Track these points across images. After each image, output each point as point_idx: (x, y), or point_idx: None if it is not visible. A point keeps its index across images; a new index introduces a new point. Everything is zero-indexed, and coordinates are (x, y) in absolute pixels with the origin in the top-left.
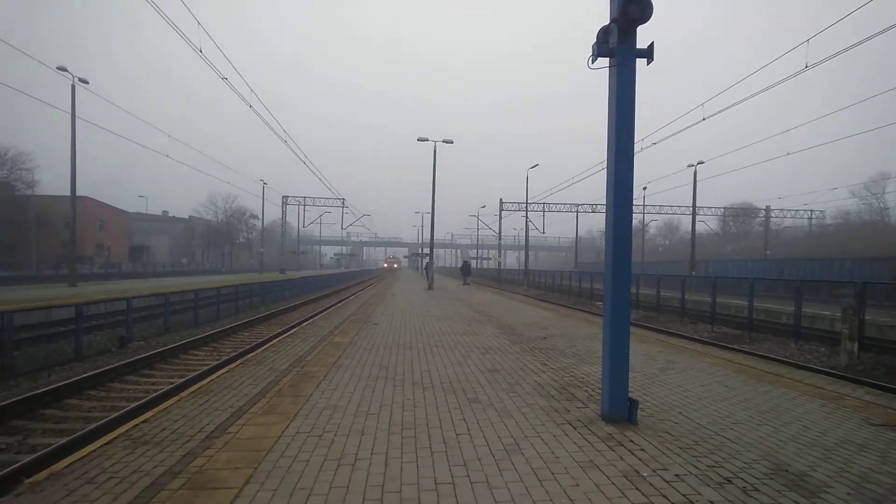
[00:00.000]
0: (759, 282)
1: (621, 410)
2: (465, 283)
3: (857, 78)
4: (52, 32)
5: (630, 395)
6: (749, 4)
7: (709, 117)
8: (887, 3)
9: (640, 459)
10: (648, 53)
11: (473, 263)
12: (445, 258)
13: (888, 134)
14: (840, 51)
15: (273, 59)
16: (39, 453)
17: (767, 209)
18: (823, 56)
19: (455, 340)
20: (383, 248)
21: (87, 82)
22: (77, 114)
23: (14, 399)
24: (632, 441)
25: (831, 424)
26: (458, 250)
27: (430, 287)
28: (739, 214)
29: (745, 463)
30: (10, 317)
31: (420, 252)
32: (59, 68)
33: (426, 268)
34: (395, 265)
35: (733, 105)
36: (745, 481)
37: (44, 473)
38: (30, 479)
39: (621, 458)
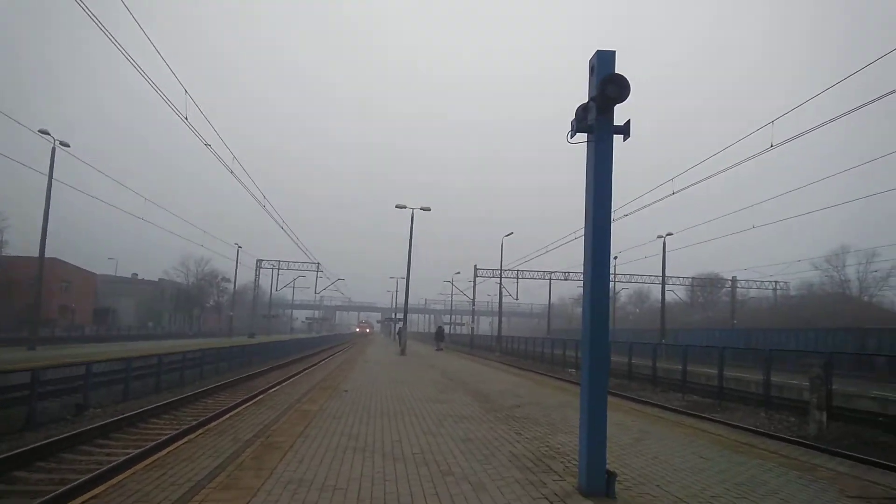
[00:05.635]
0: (728, 351)
1: (599, 484)
2: (438, 349)
3: (822, 156)
4: (34, 93)
5: (607, 466)
6: (722, 85)
7: (678, 191)
8: (847, 90)
9: None
10: (625, 130)
11: (447, 329)
12: (419, 323)
13: (848, 210)
14: (802, 132)
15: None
16: None
17: (733, 280)
18: (787, 136)
19: (428, 408)
20: (356, 313)
21: (67, 145)
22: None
23: None
24: None
25: (808, 497)
26: (432, 315)
27: (403, 352)
28: (706, 284)
29: None
30: None
31: (394, 317)
32: (41, 131)
33: (399, 333)
34: (368, 329)
35: (701, 181)
36: None
37: None
38: None
39: None
